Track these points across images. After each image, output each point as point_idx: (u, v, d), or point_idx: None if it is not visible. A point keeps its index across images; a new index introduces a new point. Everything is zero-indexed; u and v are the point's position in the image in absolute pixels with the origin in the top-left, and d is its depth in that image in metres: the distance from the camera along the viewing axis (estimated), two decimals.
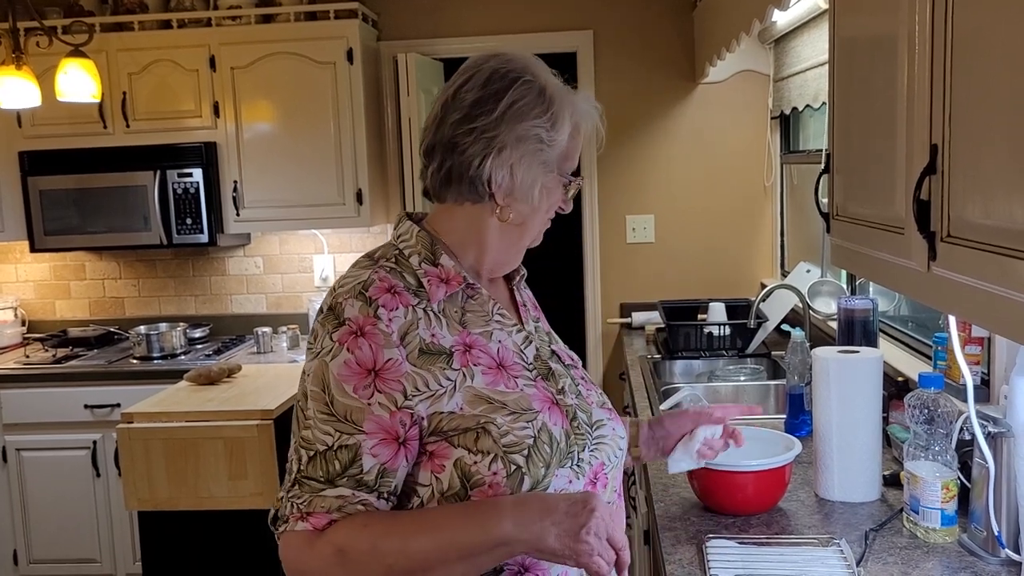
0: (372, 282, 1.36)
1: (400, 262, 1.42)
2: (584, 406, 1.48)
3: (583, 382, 1.54)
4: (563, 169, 1.47)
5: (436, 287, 1.40)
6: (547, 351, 1.52)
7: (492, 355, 1.41)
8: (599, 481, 1.44)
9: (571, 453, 1.39)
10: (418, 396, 1.32)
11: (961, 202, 1.24)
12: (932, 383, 1.87)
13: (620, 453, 1.51)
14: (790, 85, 4.00)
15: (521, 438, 1.34)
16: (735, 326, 3.83)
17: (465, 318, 1.42)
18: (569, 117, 1.47)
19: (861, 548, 1.82)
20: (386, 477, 1.31)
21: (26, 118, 4.32)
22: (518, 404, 1.37)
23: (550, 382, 1.45)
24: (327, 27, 4.27)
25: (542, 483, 1.34)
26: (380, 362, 1.31)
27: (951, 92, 1.27)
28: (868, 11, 1.70)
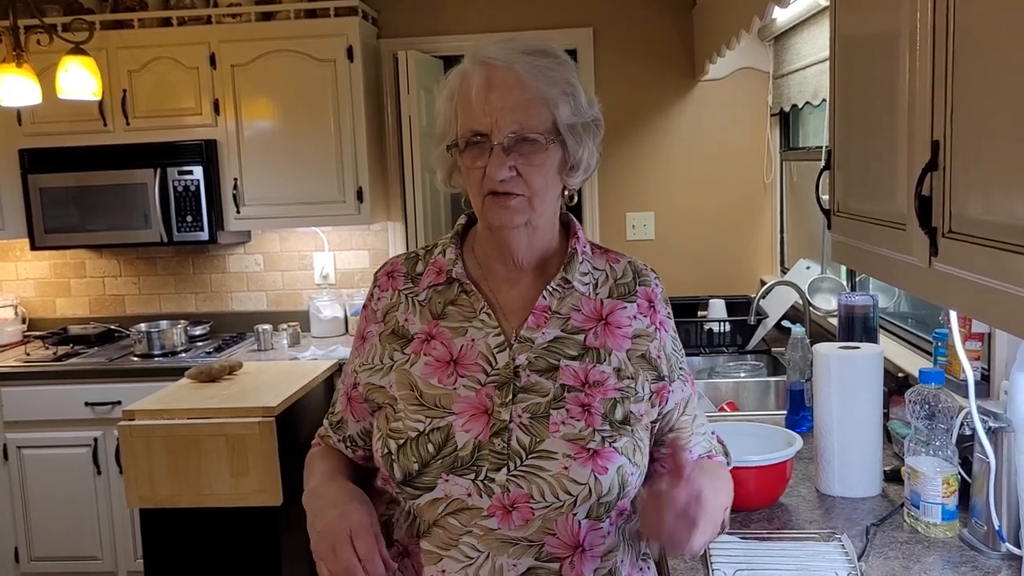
0: (385, 265, 1.57)
1: (428, 252, 1.56)
2: (536, 429, 1.38)
3: (577, 411, 1.40)
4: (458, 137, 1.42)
5: (428, 277, 1.51)
6: (542, 363, 1.43)
7: (451, 349, 1.45)
8: (517, 512, 1.35)
9: (476, 466, 1.36)
10: (365, 367, 1.50)
11: (963, 198, 1.24)
12: (933, 379, 1.88)
13: (567, 499, 1.35)
14: (790, 82, 4.01)
15: (407, 428, 1.40)
16: (735, 323, 3.84)
17: (446, 310, 1.48)
18: (443, 93, 1.45)
19: (862, 543, 1.83)
20: (341, 425, 1.58)
21: (26, 116, 4.32)
22: (436, 399, 1.41)
23: (502, 391, 1.40)
24: (327, 25, 4.27)
25: (419, 480, 1.37)
26: (366, 332, 1.54)
27: (953, 88, 1.27)
28: (869, 8, 1.70)
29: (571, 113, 1.41)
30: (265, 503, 3.34)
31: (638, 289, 1.52)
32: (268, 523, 3.40)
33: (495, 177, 1.37)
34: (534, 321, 1.46)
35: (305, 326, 4.66)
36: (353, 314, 4.65)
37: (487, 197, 1.40)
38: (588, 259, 1.53)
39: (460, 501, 1.36)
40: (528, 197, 1.40)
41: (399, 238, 4.73)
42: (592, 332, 1.47)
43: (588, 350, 1.45)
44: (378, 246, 4.79)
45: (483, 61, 1.40)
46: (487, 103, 1.37)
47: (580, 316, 1.48)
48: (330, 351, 4.26)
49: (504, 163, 1.37)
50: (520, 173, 1.38)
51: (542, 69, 1.39)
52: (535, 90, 1.38)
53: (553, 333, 1.45)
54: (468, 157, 1.40)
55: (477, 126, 1.38)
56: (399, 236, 4.73)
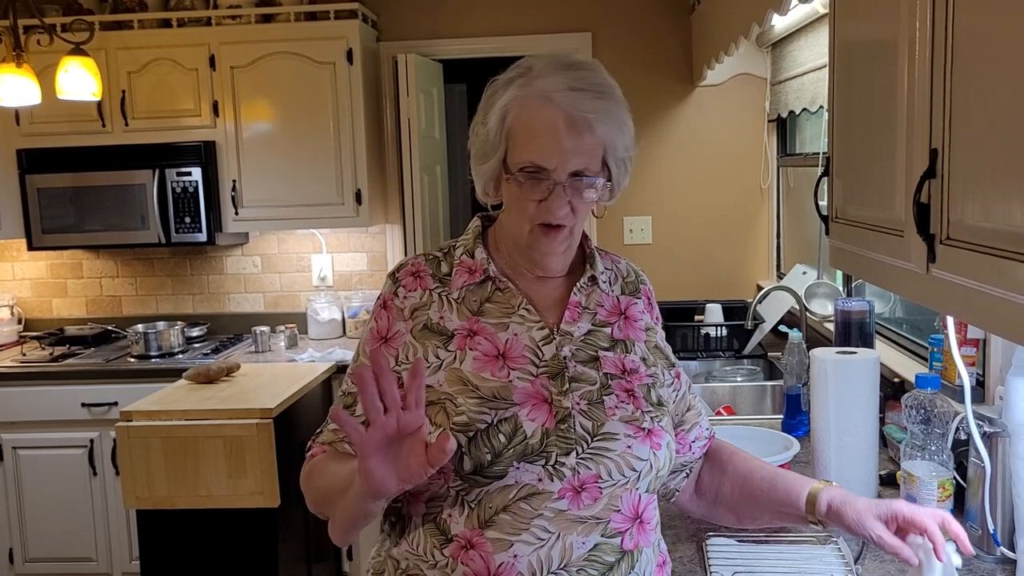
0: (404, 265, 1.59)
1: (447, 254, 1.59)
2: (595, 414, 1.45)
3: (624, 395, 1.49)
4: (509, 160, 1.45)
5: (460, 276, 1.54)
6: (584, 355, 1.50)
7: (497, 344, 1.48)
8: (586, 492, 1.41)
9: (546, 452, 1.41)
10: (404, 364, 1.49)
11: (960, 205, 1.25)
12: (929, 384, 1.89)
13: (632, 475, 1.44)
14: (787, 89, 4.02)
15: (474, 420, 1.42)
16: (732, 327, 3.86)
17: (484, 307, 1.52)
18: (497, 107, 1.47)
19: (858, 546, 1.84)
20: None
21: (24, 116, 4.32)
22: (494, 392, 1.44)
23: (555, 381, 1.46)
24: (327, 27, 4.28)
25: (490, 469, 1.39)
26: (392, 332, 1.53)
27: (951, 97, 1.28)
28: (868, 16, 1.72)
29: (622, 149, 1.50)
30: (263, 505, 3.34)
31: (640, 287, 1.65)
32: (265, 525, 3.41)
33: (556, 214, 1.44)
34: (570, 316, 1.54)
35: (303, 328, 4.67)
36: (351, 316, 4.66)
37: (536, 227, 1.47)
38: (600, 260, 1.62)
39: (531, 487, 1.40)
40: (571, 228, 1.48)
41: (397, 240, 4.74)
42: (616, 325, 1.57)
43: (617, 342, 1.55)
44: (376, 248, 4.79)
45: (556, 102, 1.41)
46: (555, 143, 1.41)
47: (604, 311, 1.57)
48: (328, 353, 4.26)
49: (564, 200, 1.43)
50: (572, 207, 1.45)
51: (608, 114, 1.45)
52: (600, 136, 1.44)
53: (586, 327, 1.54)
54: (526, 188, 1.44)
55: (541, 162, 1.42)
56: (397, 238, 4.74)
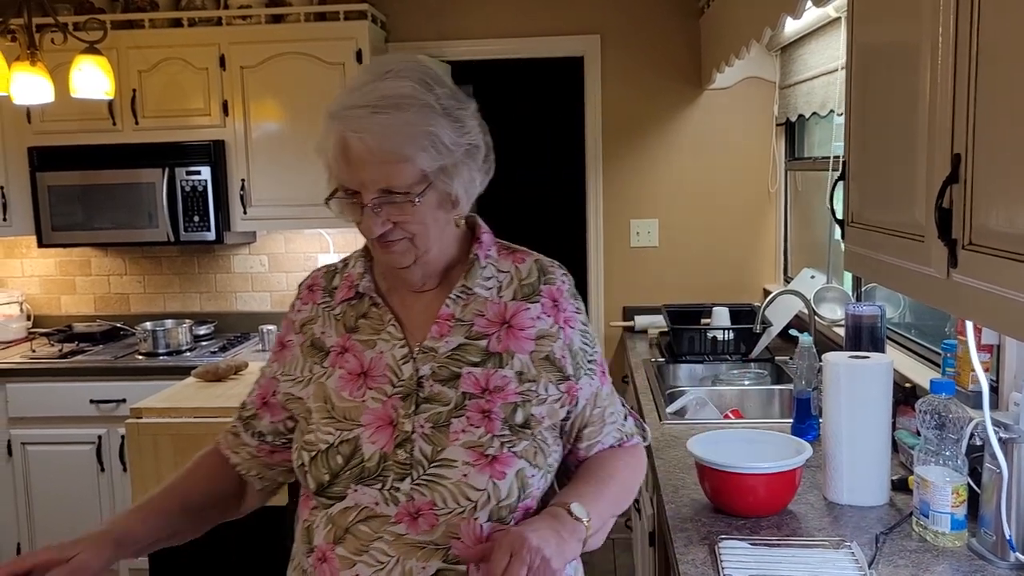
0: (308, 277, 1.65)
1: (345, 264, 1.62)
2: (437, 438, 1.42)
3: (478, 417, 1.43)
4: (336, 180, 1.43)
5: (341, 291, 1.58)
6: (445, 372, 1.46)
7: (362, 362, 1.50)
8: (423, 518, 1.39)
9: (382, 476, 1.41)
10: (286, 377, 1.57)
11: (984, 210, 1.26)
12: (943, 389, 1.89)
13: (468, 504, 1.39)
14: (796, 92, 4.03)
15: (318, 440, 1.46)
16: (739, 330, 3.86)
17: (358, 323, 1.54)
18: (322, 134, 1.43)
19: (872, 551, 1.85)
20: (255, 419, 1.64)
21: (36, 114, 4.34)
22: (346, 412, 1.47)
23: (406, 402, 1.44)
24: (336, 28, 4.29)
25: (330, 489, 1.44)
26: (286, 339, 1.61)
27: (975, 101, 1.28)
28: (888, 18, 1.72)
29: (436, 157, 1.39)
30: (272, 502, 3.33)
31: (542, 288, 1.55)
32: (273, 522, 3.40)
33: (371, 236, 1.42)
34: (438, 330, 1.49)
35: None
36: None
37: (375, 242, 1.44)
38: (493, 262, 1.55)
39: (369, 509, 1.42)
40: (410, 239, 1.43)
41: None
42: (495, 336, 1.49)
43: (490, 355, 1.48)
44: None
45: (339, 122, 1.38)
46: (347, 164, 1.38)
47: (483, 321, 1.50)
48: None
49: (377, 220, 1.39)
50: (396, 223, 1.40)
51: (396, 128, 1.36)
52: (391, 153, 1.36)
53: (457, 340, 1.48)
54: (348, 211, 1.42)
55: (347, 184, 1.40)
56: None
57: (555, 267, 1.60)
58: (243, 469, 1.67)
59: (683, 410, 3.08)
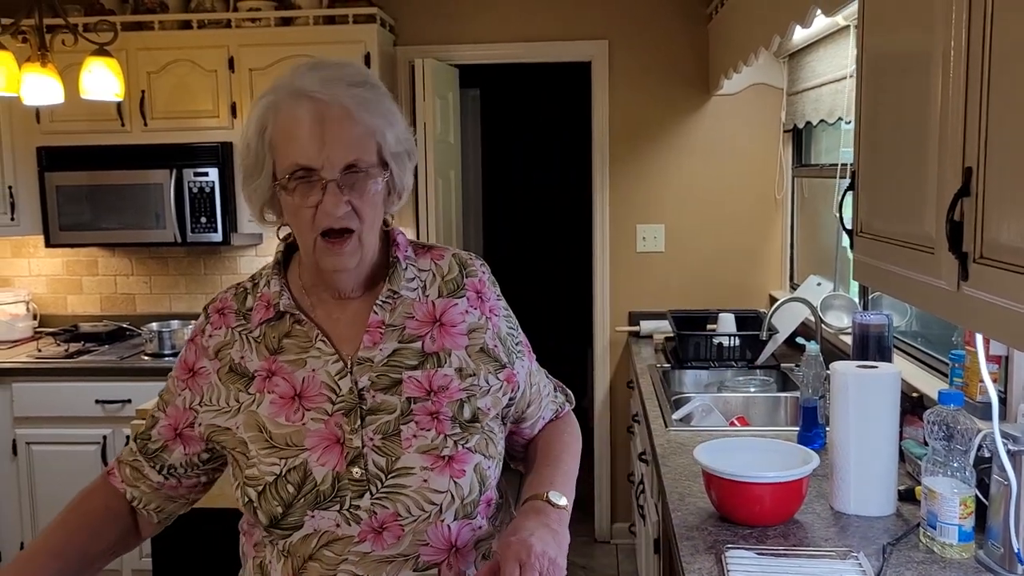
0: (215, 300, 1.56)
1: (255, 284, 1.54)
2: (390, 448, 1.39)
3: (427, 420, 1.42)
4: (278, 171, 1.38)
5: (258, 312, 1.49)
6: (385, 380, 1.43)
7: (294, 384, 1.44)
8: (388, 531, 1.37)
9: (339, 497, 1.37)
10: (207, 407, 1.48)
11: (995, 224, 1.26)
12: (952, 400, 1.89)
13: (432, 509, 1.39)
14: (804, 99, 4.03)
15: (263, 473, 1.39)
16: (745, 337, 3.86)
17: (282, 343, 1.47)
18: (254, 119, 1.40)
19: (879, 561, 1.85)
20: (163, 453, 1.53)
21: (44, 114, 4.35)
22: (286, 438, 1.40)
23: (349, 417, 1.41)
24: (345, 31, 4.30)
25: (285, 520, 1.38)
26: (197, 366, 1.51)
27: (987, 113, 1.28)
28: (900, 27, 1.71)
29: (395, 142, 1.42)
30: None
31: (466, 282, 1.55)
32: None
33: (334, 214, 1.35)
34: (370, 339, 1.45)
35: None
36: None
37: (319, 239, 1.38)
38: (412, 263, 1.53)
39: (330, 533, 1.38)
40: (359, 235, 1.39)
41: None
42: (428, 336, 1.48)
43: (428, 356, 1.47)
44: None
45: (308, 95, 1.35)
46: (317, 138, 1.34)
47: (414, 322, 1.48)
48: None
49: (340, 198, 1.35)
50: (354, 207, 1.37)
51: (368, 101, 1.37)
52: (365, 123, 1.36)
53: (391, 347, 1.46)
54: (298, 195, 1.36)
55: (305, 161, 1.34)
56: None
57: (473, 259, 1.60)
58: (141, 504, 1.56)
59: (689, 417, 3.08)
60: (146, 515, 1.58)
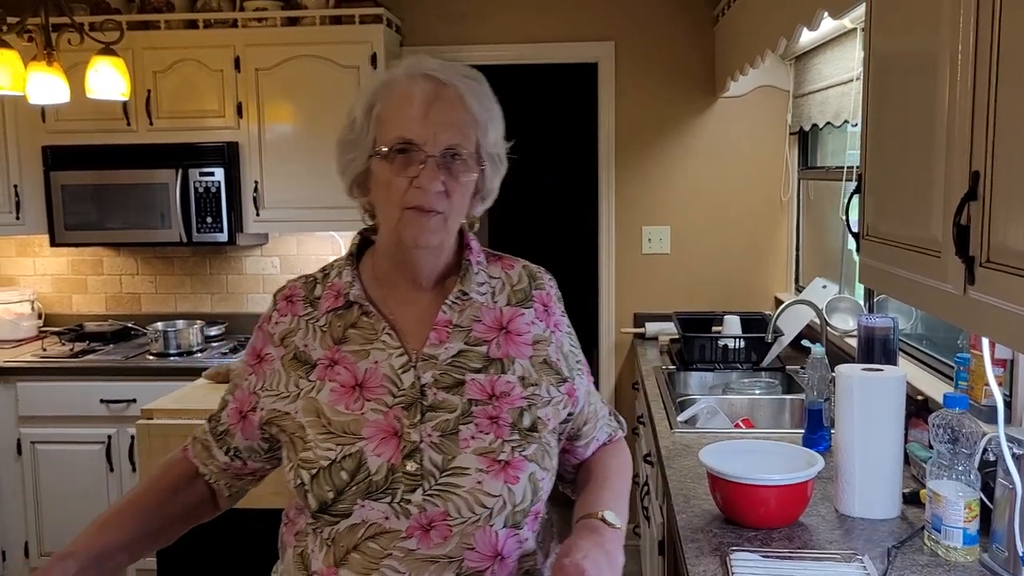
0: (284, 288, 1.58)
1: (326, 274, 1.56)
2: (447, 447, 1.40)
3: (486, 424, 1.43)
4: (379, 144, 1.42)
5: (326, 301, 1.52)
6: (448, 379, 1.44)
7: (355, 374, 1.45)
8: (435, 530, 1.37)
9: (391, 489, 1.37)
10: (268, 392, 1.50)
11: (1003, 229, 1.25)
12: (957, 403, 1.88)
13: (483, 512, 1.38)
14: (810, 102, 4.02)
15: (318, 457, 1.40)
16: (750, 339, 3.85)
17: (347, 334, 1.48)
18: (362, 101, 1.46)
19: (883, 565, 1.84)
20: (228, 435, 1.57)
21: (50, 113, 4.35)
22: (344, 426, 1.41)
23: (409, 412, 1.41)
24: (352, 31, 4.30)
25: (335, 507, 1.38)
26: (263, 352, 1.54)
27: (995, 116, 1.28)
28: (907, 28, 1.71)
29: (494, 141, 1.46)
30: (280, 505, 3.30)
31: (534, 294, 1.57)
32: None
33: (428, 188, 1.38)
34: (436, 337, 1.47)
35: None
36: None
37: (406, 211, 1.40)
38: (483, 269, 1.55)
39: (378, 525, 1.37)
40: (446, 216, 1.42)
41: None
42: (494, 342, 1.49)
43: (492, 361, 1.48)
44: None
45: (426, 74, 1.41)
46: (427, 115, 1.39)
47: (482, 327, 1.50)
48: None
49: (438, 176, 1.38)
50: (446, 190, 1.40)
51: (480, 94, 1.44)
52: (474, 112, 1.42)
53: (457, 347, 1.47)
54: (396, 166, 1.39)
55: (410, 135, 1.38)
56: None
57: (543, 273, 1.62)
58: (212, 480, 1.62)
59: (694, 419, 3.08)
60: (218, 490, 1.63)
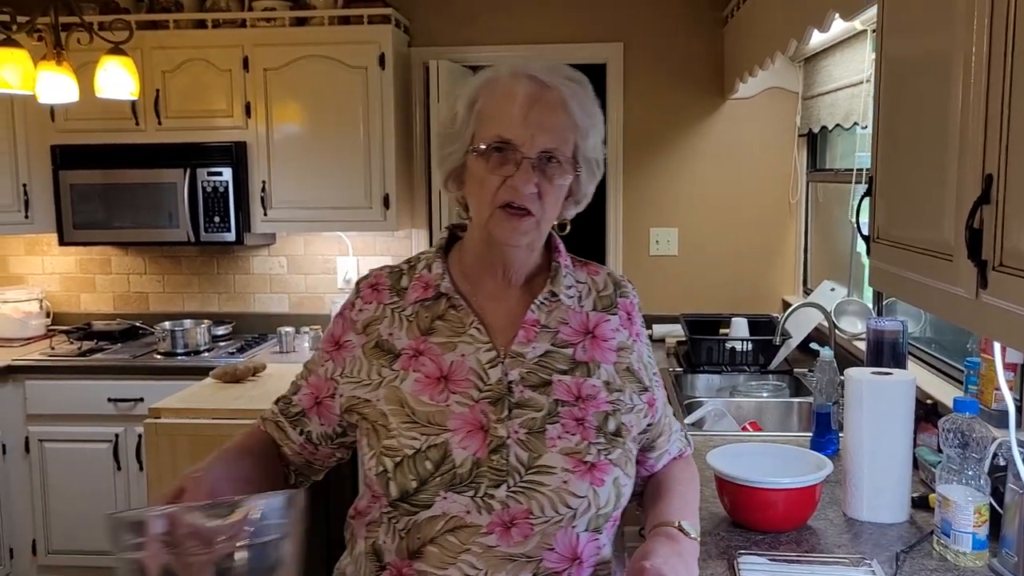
0: (368, 276, 1.58)
1: (412, 266, 1.56)
2: (533, 444, 1.39)
3: (572, 425, 1.42)
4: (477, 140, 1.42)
5: (414, 292, 1.52)
6: (535, 378, 1.44)
7: (441, 365, 1.45)
8: (517, 528, 1.36)
9: (475, 483, 1.36)
10: (348, 379, 1.50)
11: (1016, 232, 1.24)
12: (967, 408, 1.87)
13: (567, 512, 1.38)
14: (819, 104, 4.01)
15: (402, 445, 1.39)
16: (758, 342, 3.84)
17: (434, 325, 1.49)
18: (465, 95, 1.45)
19: (892, 569, 1.83)
20: (303, 417, 1.57)
21: (59, 112, 4.36)
22: (429, 416, 1.41)
23: (496, 407, 1.41)
24: (360, 32, 4.30)
25: (416, 497, 1.37)
26: (343, 339, 1.53)
27: (1009, 119, 1.27)
28: (920, 31, 1.70)
29: (592, 147, 1.46)
30: None
31: (619, 301, 1.58)
32: None
33: (523, 190, 1.38)
34: (524, 335, 1.48)
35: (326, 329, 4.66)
36: None
37: (498, 209, 1.41)
38: (570, 272, 1.56)
39: (458, 519, 1.36)
40: (538, 219, 1.42)
41: (423, 246, 4.75)
42: (580, 346, 1.50)
43: (578, 364, 1.49)
44: (402, 253, 4.80)
45: (530, 76, 1.41)
46: (527, 116, 1.38)
47: (568, 329, 1.51)
48: None
49: (532, 178, 1.38)
50: (540, 191, 1.40)
51: (583, 99, 1.44)
52: (575, 116, 1.42)
53: (543, 347, 1.48)
54: (492, 163, 1.40)
55: (509, 135, 1.38)
56: (423, 243, 4.75)
57: (626, 282, 1.63)
58: (289, 456, 1.60)
59: (701, 421, 3.07)
60: (286, 474, 1.61)
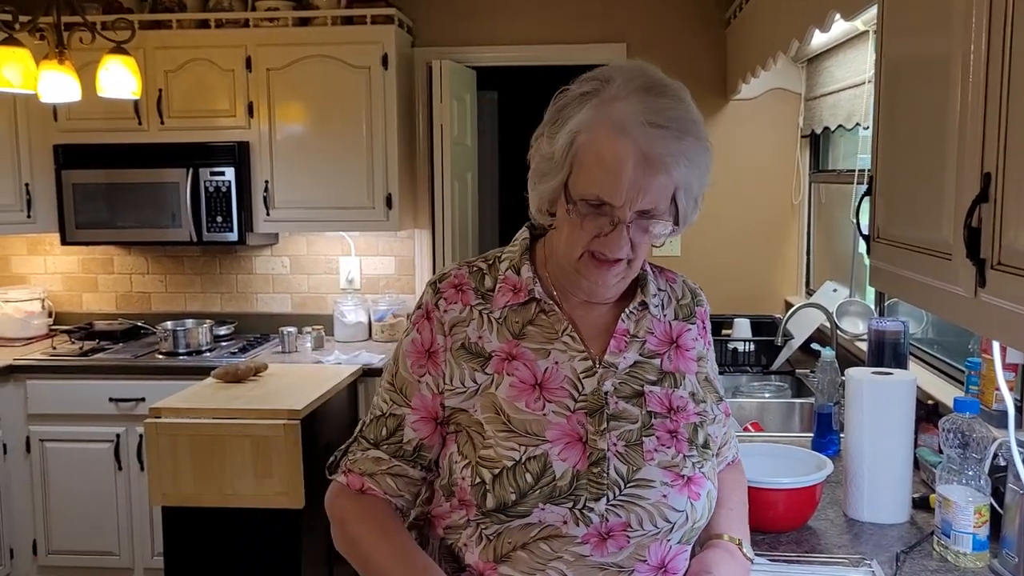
0: (447, 276, 1.48)
1: (492, 266, 1.48)
2: (632, 457, 1.36)
3: (667, 437, 1.40)
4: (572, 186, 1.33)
5: (503, 295, 1.44)
6: (627, 389, 1.41)
7: (535, 371, 1.40)
8: (612, 540, 1.33)
9: (574, 495, 1.32)
10: (449, 389, 1.41)
11: (1014, 231, 1.24)
12: (968, 408, 1.87)
13: (665, 526, 1.35)
14: (822, 105, 4.01)
15: (500, 456, 1.34)
16: (760, 342, 3.84)
17: (526, 330, 1.43)
18: (567, 128, 1.34)
19: (892, 570, 1.83)
20: (424, 451, 1.44)
21: (62, 112, 4.36)
22: (526, 426, 1.36)
23: (593, 418, 1.37)
24: (363, 32, 4.30)
25: (513, 508, 1.32)
26: (434, 345, 1.43)
27: (1007, 118, 1.27)
28: (919, 32, 1.70)
29: (696, 187, 1.38)
30: (287, 505, 3.35)
31: (696, 310, 1.55)
32: (289, 525, 3.42)
33: (614, 253, 1.33)
34: (616, 345, 1.44)
35: (329, 330, 4.67)
36: (377, 320, 4.66)
37: (587, 253, 1.36)
38: (653, 280, 1.51)
39: (554, 528, 1.33)
40: (628, 261, 1.37)
41: (425, 245, 4.75)
42: (666, 356, 1.47)
43: (665, 375, 1.46)
44: (404, 253, 4.80)
45: (633, 139, 1.29)
46: (626, 180, 1.29)
47: (655, 339, 1.47)
48: (354, 356, 4.27)
49: (626, 239, 1.33)
50: (632, 244, 1.35)
51: (688, 156, 1.32)
52: (676, 177, 1.32)
53: (632, 357, 1.44)
54: (586, 220, 1.33)
55: (607, 197, 1.30)
56: (426, 244, 4.75)
57: (700, 290, 1.60)
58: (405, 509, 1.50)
59: None
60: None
